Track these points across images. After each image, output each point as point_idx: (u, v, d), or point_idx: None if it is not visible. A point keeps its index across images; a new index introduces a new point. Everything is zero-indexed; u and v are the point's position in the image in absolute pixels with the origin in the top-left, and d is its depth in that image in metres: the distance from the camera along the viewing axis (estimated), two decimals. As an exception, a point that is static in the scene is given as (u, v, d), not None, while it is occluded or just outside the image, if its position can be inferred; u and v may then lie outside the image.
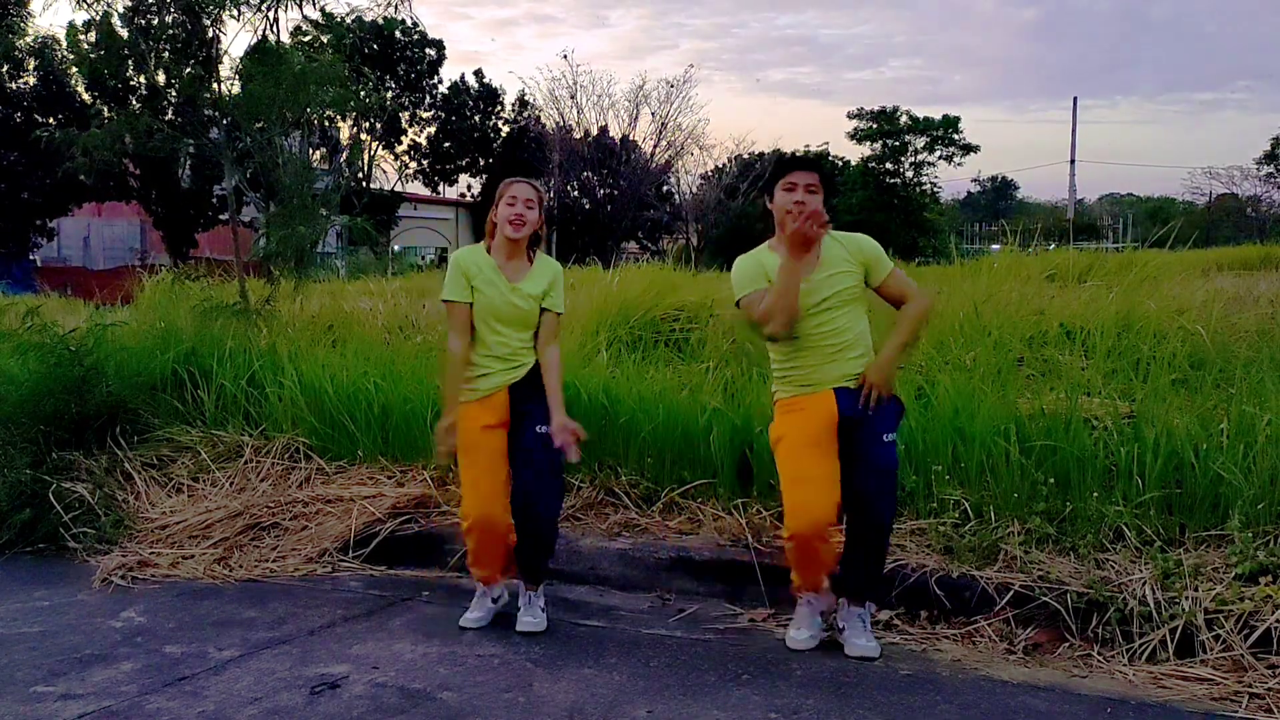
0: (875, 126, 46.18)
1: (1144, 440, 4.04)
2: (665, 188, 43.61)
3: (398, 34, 38.88)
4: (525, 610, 3.86)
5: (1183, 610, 3.40)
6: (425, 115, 41.93)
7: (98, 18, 7.52)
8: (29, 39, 29.19)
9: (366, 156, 37.43)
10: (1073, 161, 47.63)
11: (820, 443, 3.52)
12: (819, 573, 3.60)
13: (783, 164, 3.64)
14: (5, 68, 30.62)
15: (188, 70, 7.60)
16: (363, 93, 9.60)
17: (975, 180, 69.15)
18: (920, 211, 45.53)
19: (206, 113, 7.76)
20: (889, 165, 46.14)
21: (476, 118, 42.58)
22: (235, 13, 7.48)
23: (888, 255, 3.70)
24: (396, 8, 8.13)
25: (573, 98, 41.86)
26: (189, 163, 7.58)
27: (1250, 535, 3.65)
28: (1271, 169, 50.38)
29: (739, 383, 5.19)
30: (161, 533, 4.90)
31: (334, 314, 8.24)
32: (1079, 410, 4.30)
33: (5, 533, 4.95)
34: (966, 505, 4.09)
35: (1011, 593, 3.66)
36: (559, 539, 4.43)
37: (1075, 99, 60.85)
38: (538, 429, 3.73)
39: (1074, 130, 72.92)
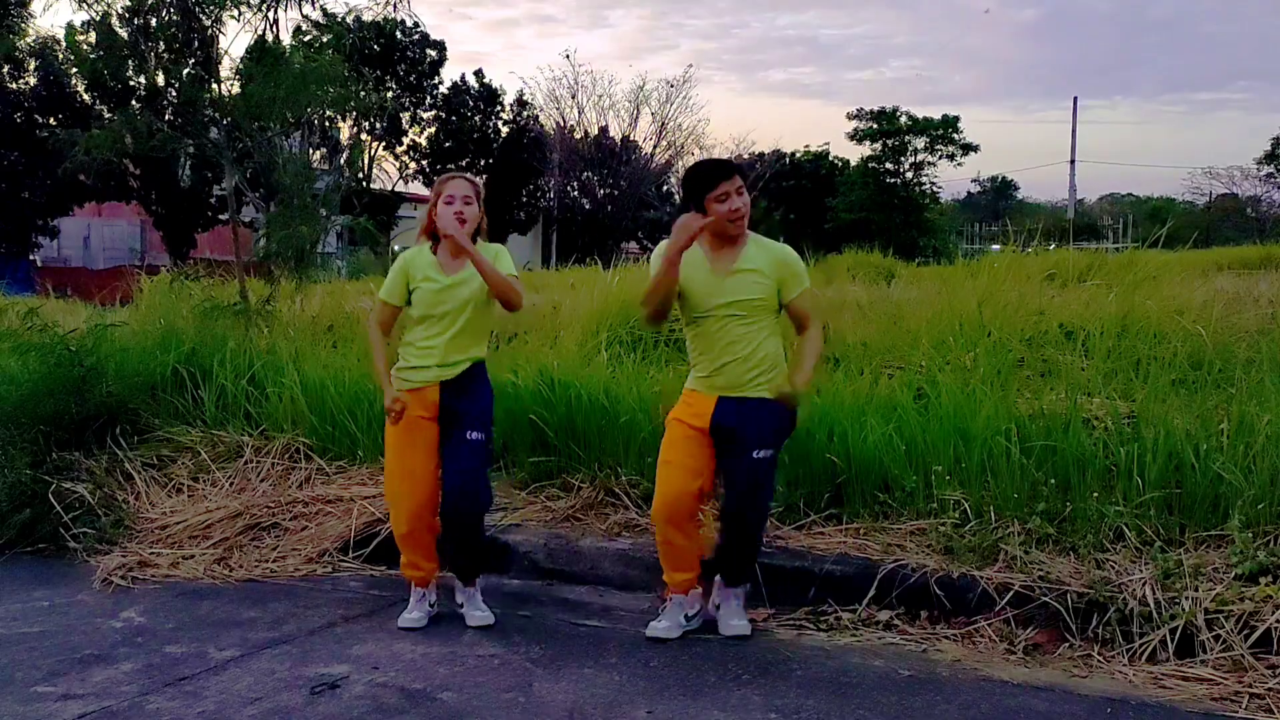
0: (875, 126, 46.15)
1: (1144, 440, 4.04)
2: (665, 188, 43.61)
3: (399, 34, 38.88)
4: (470, 605, 3.91)
5: (1183, 610, 3.40)
6: (426, 115, 41.92)
7: (97, 18, 7.52)
8: (29, 39, 29.20)
9: (367, 156, 37.44)
10: (1073, 161, 47.61)
11: (697, 437, 3.66)
12: (683, 568, 3.74)
13: (707, 176, 3.63)
14: (6, 68, 30.64)
15: (187, 71, 7.61)
16: (363, 92, 9.60)
17: (975, 180, 69.10)
18: (920, 211, 45.48)
19: (207, 113, 7.77)
20: (889, 165, 46.11)
21: (476, 118, 42.56)
22: (235, 13, 7.48)
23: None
24: (395, 7, 8.13)
25: (573, 98, 41.92)
26: (189, 163, 7.57)
27: (1250, 535, 3.64)
28: (1271, 169, 50.32)
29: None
30: (161, 533, 4.90)
31: (334, 314, 8.25)
32: (1079, 410, 4.31)
33: (5, 533, 4.95)
34: (966, 505, 4.09)
35: (1011, 593, 3.66)
36: (559, 539, 4.45)
37: (1075, 99, 60.74)
38: (469, 435, 3.79)
39: (1074, 130, 72.75)
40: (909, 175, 46.20)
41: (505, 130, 43.24)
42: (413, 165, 42.02)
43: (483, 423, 3.85)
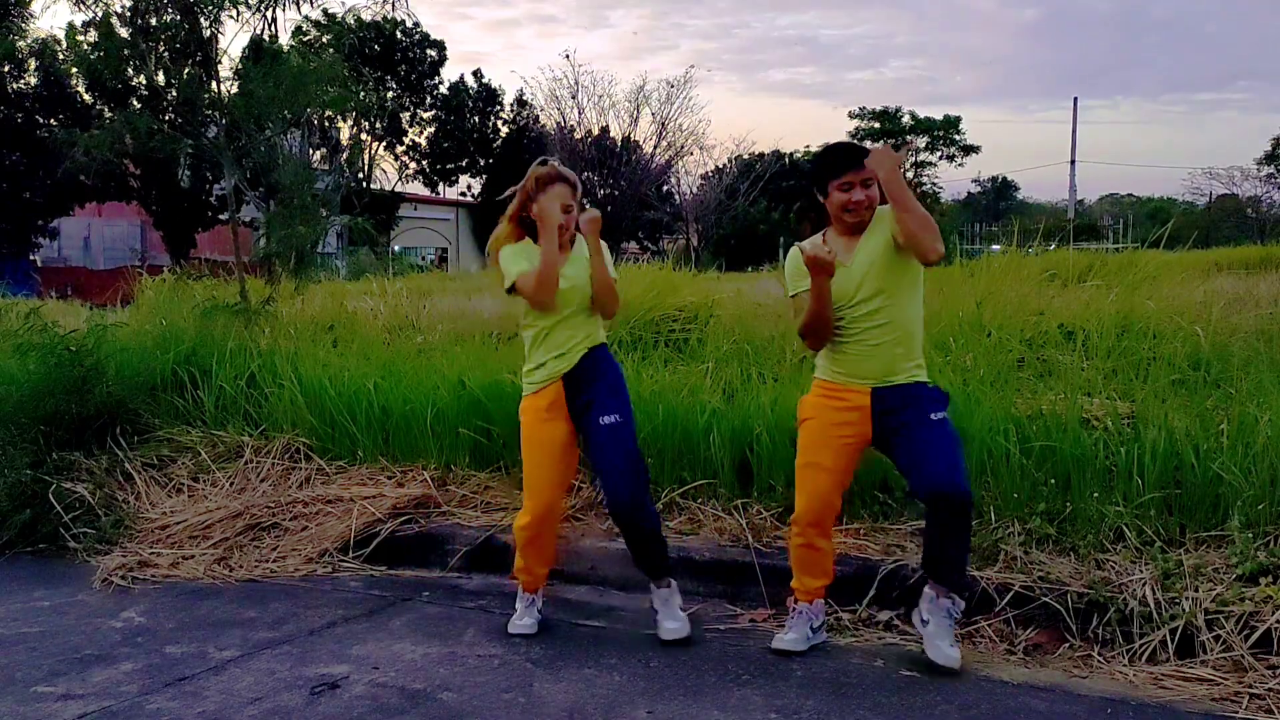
0: (877, 126, 46.19)
1: (1144, 440, 4.03)
2: (666, 188, 43.62)
3: (399, 35, 38.91)
4: (664, 614, 3.71)
5: (1183, 611, 3.40)
6: (426, 116, 41.94)
7: (97, 18, 7.53)
8: (30, 40, 29.23)
9: (367, 157, 37.49)
10: (1073, 162, 47.65)
11: (843, 436, 3.47)
12: (818, 574, 3.58)
13: (836, 162, 3.43)
14: (7, 68, 30.66)
15: (187, 70, 7.61)
16: (362, 93, 9.62)
17: (976, 181, 69.18)
18: (920, 212, 45.51)
19: (206, 113, 7.77)
20: (889, 165, 46.07)
21: (475, 118, 42.59)
22: (234, 13, 7.49)
23: None
24: (394, 7, 8.14)
25: (574, 98, 41.90)
26: (188, 163, 7.57)
27: (1250, 535, 3.64)
28: (1272, 169, 50.39)
29: (739, 383, 5.19)
30: (161, 533, 4.91)
31: (335, 314, 8.25)
32: (1079, 410, 4.30)
33: (5, 533, 4.96)
34: (966, 505, 4.08)
35: (1011, 593, 3.66)
36: (560, 539, 4.42)
37: (1075, 99, 60.72)
38: (602, 420, 3.65)
39: (1074, 130, 72.77)
40: (909, 175, 46.26)
41: (505, 130, 43.27)
42: (412, 165, 42.07)
43: (617, 402, 3.67)
